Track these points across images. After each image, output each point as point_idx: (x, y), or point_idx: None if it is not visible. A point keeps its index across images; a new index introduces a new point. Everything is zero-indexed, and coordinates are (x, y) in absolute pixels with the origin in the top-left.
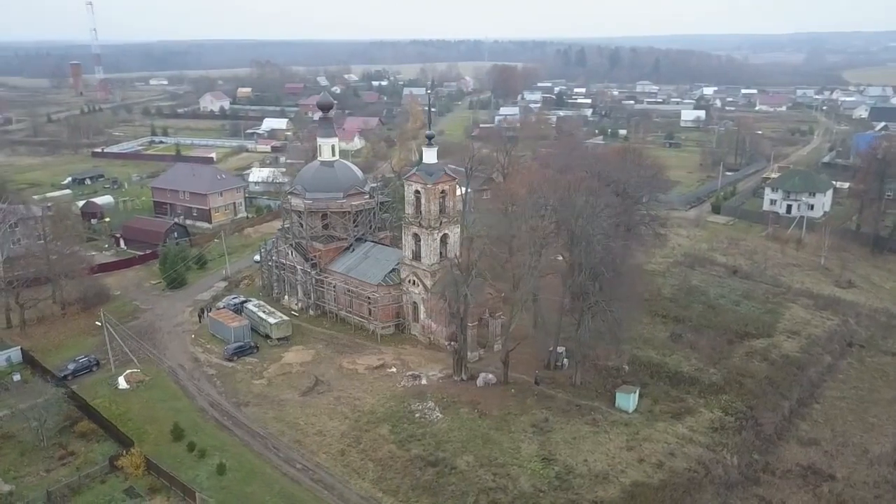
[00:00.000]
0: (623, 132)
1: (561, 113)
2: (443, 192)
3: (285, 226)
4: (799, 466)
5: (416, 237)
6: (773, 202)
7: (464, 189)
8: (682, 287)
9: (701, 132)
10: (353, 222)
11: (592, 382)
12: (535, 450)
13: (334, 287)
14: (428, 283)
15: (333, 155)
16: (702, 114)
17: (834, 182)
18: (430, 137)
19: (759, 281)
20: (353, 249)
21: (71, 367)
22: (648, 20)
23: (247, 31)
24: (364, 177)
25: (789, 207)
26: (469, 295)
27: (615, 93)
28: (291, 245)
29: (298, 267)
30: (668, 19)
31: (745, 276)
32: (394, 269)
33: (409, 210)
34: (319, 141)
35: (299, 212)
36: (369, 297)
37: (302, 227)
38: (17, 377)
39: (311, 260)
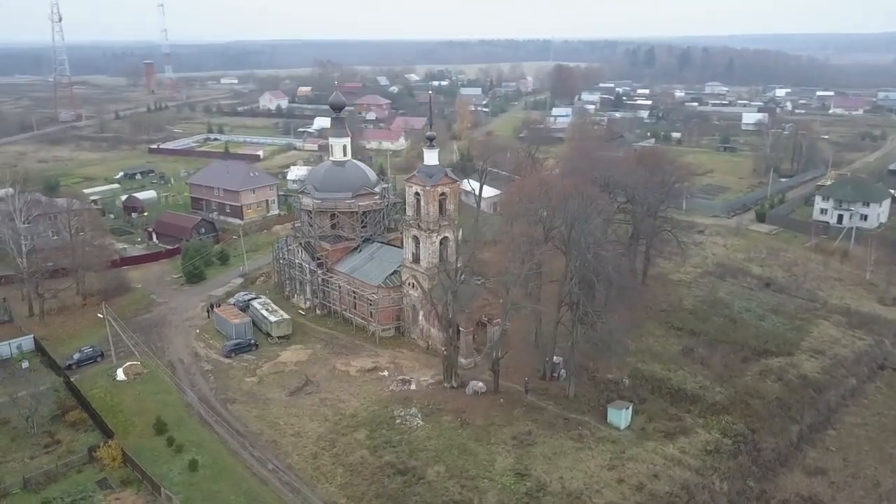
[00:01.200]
0: (676, 135)
1: (617, 115)
2: (442, 194)
3: (296, 225)
4: (798, 497)
5: (416, 239)
6: (823, 211)
7: (477, 190)
8: (706, 299)
9: (760, 136)
10: (361, 223)
11: (587, 395)
12: (511, 463)
13: (339, 287)
14: (426, 285)
15: (345, 155)
16: (764, 116)
17: (893, 191)
18: (430, 139)
19: (793, 295)
20: (361, 250)
21: (76, 356)
22: (729, 18)
23: (320, 32)
24: (376, 177)
25: (840, 217)
26: (450, 300)
27: (680, 94)
28: (300, 244)
29: (306, 266)
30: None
31: (779, 289)
32: (395, 271)
33: (410, 212)
34: (331, 141)
35: (309, 211)
36: (370, 299)
37: (311, 226)
38: (25, 365)
39: (318, 259)
